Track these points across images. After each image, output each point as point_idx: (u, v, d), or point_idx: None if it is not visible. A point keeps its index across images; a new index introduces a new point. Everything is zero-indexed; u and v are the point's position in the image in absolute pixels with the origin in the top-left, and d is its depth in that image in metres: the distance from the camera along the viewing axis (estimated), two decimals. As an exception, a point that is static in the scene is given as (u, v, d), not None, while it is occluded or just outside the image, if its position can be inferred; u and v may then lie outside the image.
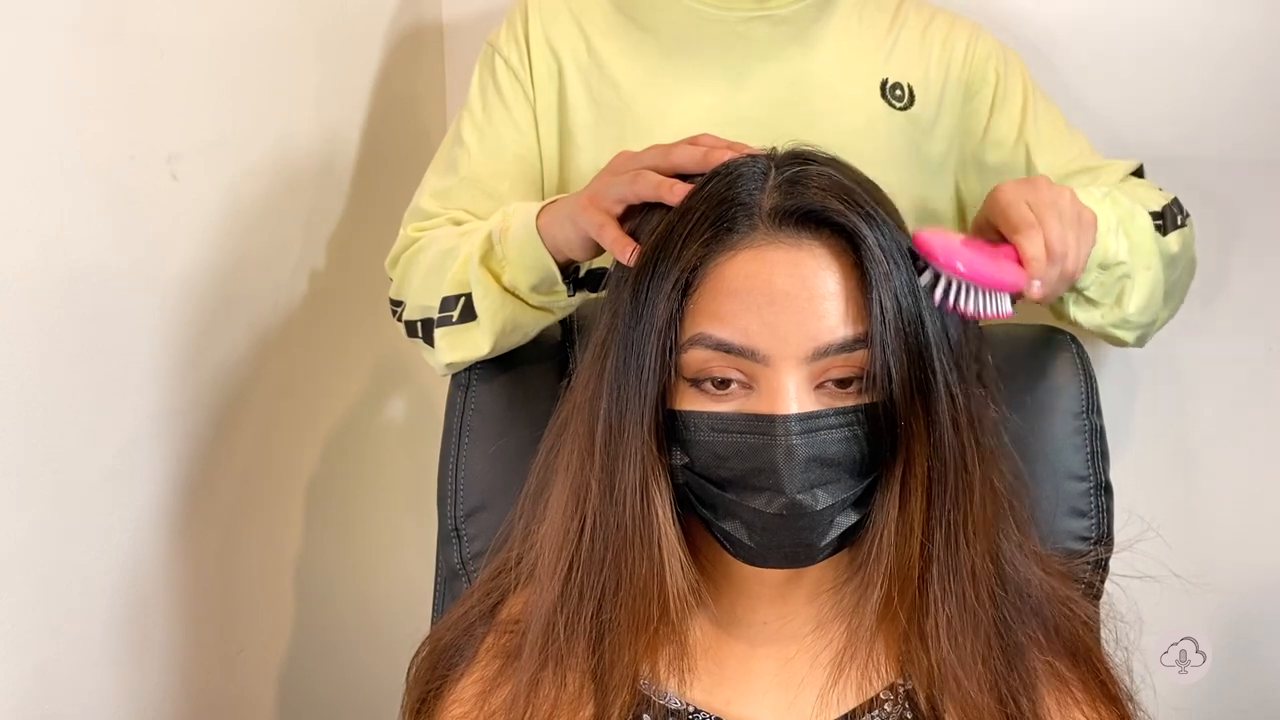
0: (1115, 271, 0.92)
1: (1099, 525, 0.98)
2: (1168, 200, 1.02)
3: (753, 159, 0.75)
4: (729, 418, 0.70)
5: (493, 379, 1.01)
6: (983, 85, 1.10)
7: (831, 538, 0.72)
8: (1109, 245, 0.90)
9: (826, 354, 0.69)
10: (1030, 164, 1.08)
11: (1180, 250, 1.00)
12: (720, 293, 0.70)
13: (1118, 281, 0.93)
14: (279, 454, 1.24)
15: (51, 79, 0.91)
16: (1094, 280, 0.91)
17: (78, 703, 0.98)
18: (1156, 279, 0.95)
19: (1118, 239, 0.91)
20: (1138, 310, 0.95)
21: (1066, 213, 0.82)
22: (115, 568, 1.02)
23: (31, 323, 0.91)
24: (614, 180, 0.81)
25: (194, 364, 1.09)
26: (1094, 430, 0.99)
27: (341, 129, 1.31)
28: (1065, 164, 1.08)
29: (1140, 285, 0.94)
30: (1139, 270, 0.93)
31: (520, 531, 0.82)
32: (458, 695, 0.80)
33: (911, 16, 1.12)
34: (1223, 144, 1.24)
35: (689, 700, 0.77)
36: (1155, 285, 0.95)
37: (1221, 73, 1.23)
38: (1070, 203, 0.83)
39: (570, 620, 0.75)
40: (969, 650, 0.74)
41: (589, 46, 1.10)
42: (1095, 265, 0.90)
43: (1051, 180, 0.85)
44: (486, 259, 0.94)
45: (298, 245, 1.25)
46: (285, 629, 1.27)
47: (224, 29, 1.10)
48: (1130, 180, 1.08)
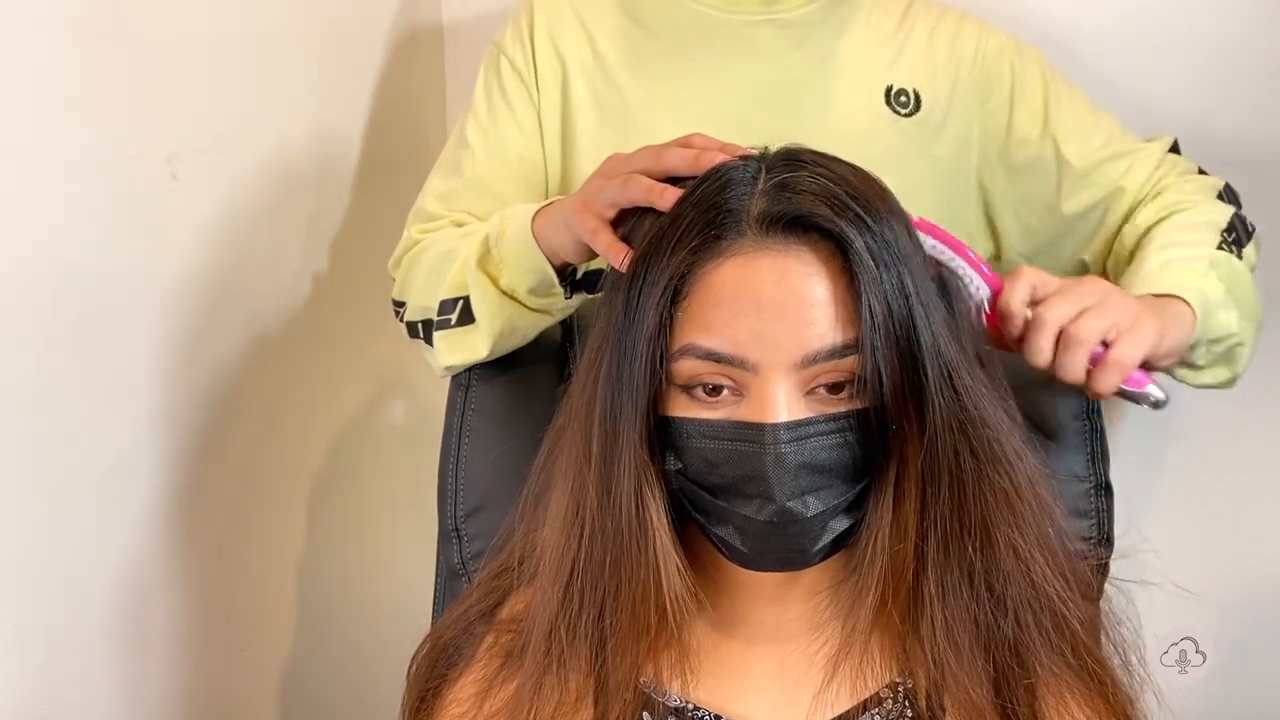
0: (1227, 342, 0.91)
1: (1099, 525, 0.98)
2: (1231, 213, 1.00)
3: (743, 162, 0.74)
4: (719, 425, 0.70)
5: (493, 379, 1.02)
6: (998, 83, 1.08)
7: (824, 543, 0.72)
8: (1220, 321, 0.89)
9: (816, 361, 0.69)
10: (1060, 156, 1.06)
11: (1256, 259, 0.99)
12: (709, 301, 0.69)
13: (1230, 350, 0.93)
14: (279, 454, 1.24)
15: (52, 79, 0.91)
16: (1204, 353, 0.91)
17: (78, 703, 0.98)
18: (1257, 328, 0.95)
19: (1227, 312, 0.90)
20: (1246, 363, 0.94)
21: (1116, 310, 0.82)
22: (115, 568, 1.02)
23: (31, 322, 0.91)
24: (606, 184, 0.80)
25: (194, 364, 1.09)
26: (1094, 430, 0.99)
27: (341, 130, 1.31)
28: (1095, 151, 1.06)
29: (1250, 342, 0.94)
30: (1248, 330, 0.93)
31: (521, 533, 0.82)
32: (456, 694, 0.80)
33: (920, 19, 1.10)
34: (1244, 143, 1.23)
35: (690, 699, 0.78)
36: (1257, 332, 0.95)
37: (1234, 69, 1.22)
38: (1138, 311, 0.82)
39: (572, 625, 0.75)
40: (965, 649, 0.73)
41: (593, 49, 1.09)
42: (1205, 340, 0.89)
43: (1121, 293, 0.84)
44: (484, 262, 0.94)
45: (297, 246, 1.25)
46: (285, 629, 1.27)
47: (224, 29, 1.10)
48: (1184, 180, 1.05)
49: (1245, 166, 1.13)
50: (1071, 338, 0.81)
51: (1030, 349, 0.83)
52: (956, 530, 0.72)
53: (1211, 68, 1.23)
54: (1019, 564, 0.74)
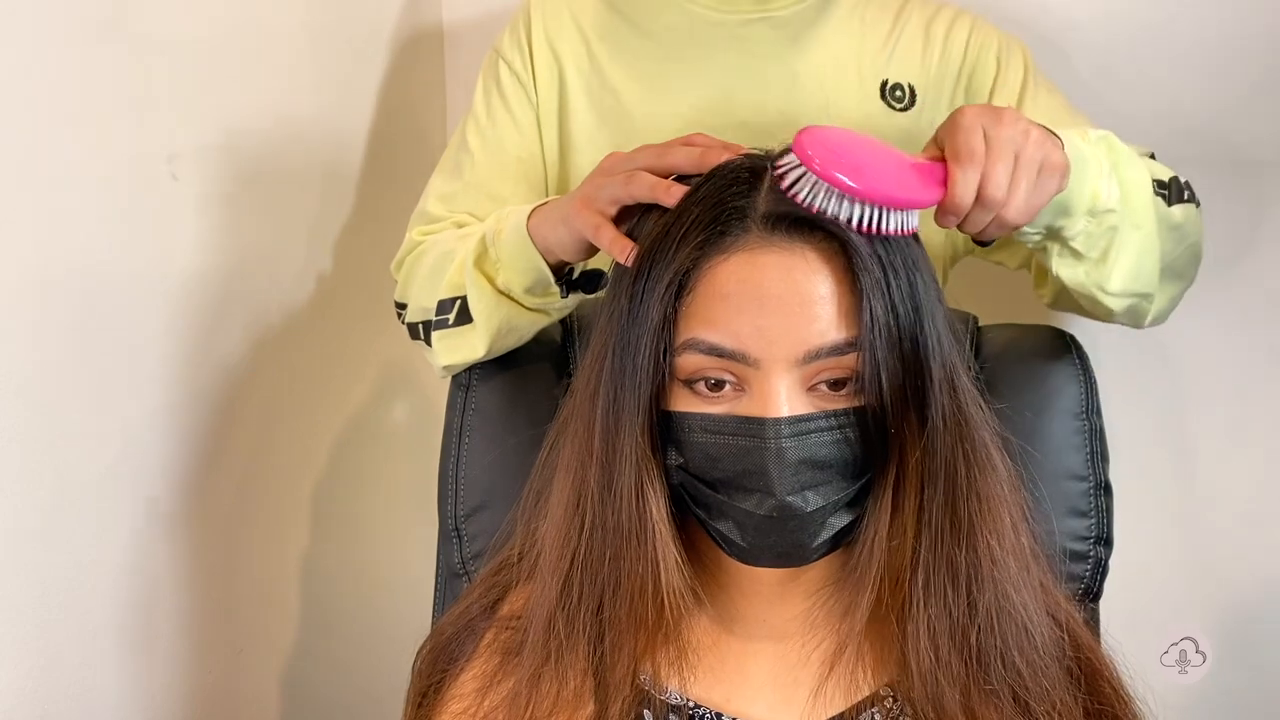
0: (1104, 221, 0.86)
1: (1099, 525, 0.98)
2: (1176, 176, 0.96)
3: (748, 160, 0.74)
4: (721, 420, 0.71)
5: (493, 379, 1.02)
6: (984, 74, 1.08)
7: (823, 538, 0.72)
8: (1099, 189, 0.84)
9: (817, 357, 0.69)
10: None
11: (1184, 223, 0.94)
12: (713, 296, 0.70)
13: (1105, 233, 0.87)
14: (281, 454, 1.24)
15: (51, 79, 0.91)
16: (1082, 230, 0.85)
17: (79, 703, 0.98)
18: (1149, 242, 0.90)
19: (1109, 184, 0.85)
20: (1124, 273, 0.89)
21: (1026, 156, 0.75)
22: (117, 568, 1.02)
23: (31, 323, 0.91)
24: (607, 181, 0.80)
25: (194, 364, 1.09)
26: (1094, 430, 0.99)
27: (342, 131, 1.31)
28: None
29: (1129, 245, 0.88)
30: (1128, 227, 0.88)
31: (522, 528, 0.82)
32: (457, 690, 0.80)
33: (915, 14, 1.11)
34: (1226, 144, 1.24)
35: (689, 696, 0.78)
36: (1146, 250, 0.90)
37: (1226, 71, 1.23)
38: (1036, 145, 0.76)
39: (571, 618, 0.76)
40: (953, 654, 0.74)
41: (589, 51, 1.10)
42: (1084, 211, 0.84)
43: (1025, 116, 0.78)
44: (480, 262, 0.94)
45: (298, 246, 1.25)
46: (287, 628, 1.27)
47: (224, 30, 1.11)
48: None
49: (1246, 167, 1.14)
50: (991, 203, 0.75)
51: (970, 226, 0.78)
52: (947, 531, 0.73)
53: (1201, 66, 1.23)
54: (994, 569, 0.74)
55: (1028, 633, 0.75)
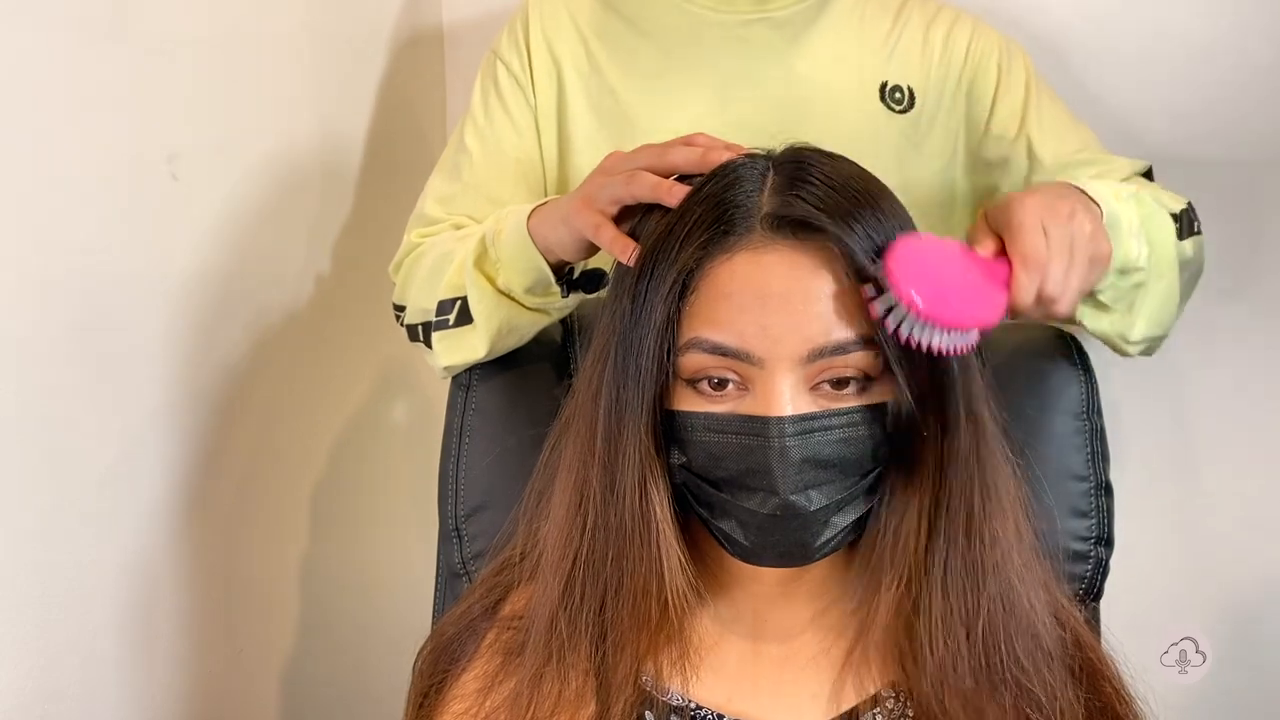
0: (1133, 278, 0.89)
1: (1099, 525, 0.98)
2: (1184, 205, 0.98)
3: (751, 160, 0.74)
4: (724, 419, 0.71)
5: (493, 379, 1.01)
6: (985, 81, 1.09)
7: (827, 538, 0.72)
8: (1130, 249, 0.86)
9: (822, 356, 0.69)
10: (1033, 155, 1.06)
11: (1194, 256, 0.97)
12: (716, 295, 0.70)
13: (1133, 289, 0.90)
14: (281, 454, 1.24)
15: (51, 79, 0.91)
16: (1110, 285, 0.87)
17: (79, 703, 0.98)
18: (1171, 289, 0.92)
19: (1140, 244, 0.87)
20: (1147, 320, 0.91)
21: (1080, 252, 0.77)
22: (116, 568, 1.02)
23: (31, 323, 0.91)
24: (608, 181, 0.80)
25: (195, 364, 1.09)
26: (1094, 430, 0.99)
27: (342, 132, 1.31)
28: (1068, 154, 1.05)
29: (1154, 294, 0.91)
30: (1154, 279, 0.90)
31: (524, 528, 0.82)
32: (459, 690, 0.80)
33: (915, 16, 1.11)
34: (1230, 145, 1.24)
35: (691, 697, 0.77)
36: (1169, 296, 0.92)
37: (1226, 71, 1.23)
38: (1089, 240, 0.78)
39: (573, 618, 0.76)
40: (964, 651, 0.74)
41: (588, 51, 1.10)
42: (1115, 270, 0.86)
43: (1076, 196, 0.80)
44: (480, 262, 0.94)
45: (298, 246, 1.25)
46: (288, 628, 1.27)
47: (225, 30, 1.11)
48: (1144, 181, 1.04)
49: (1246, 167, 1.14)
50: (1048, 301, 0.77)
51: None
52: (963, 527, 0.73)
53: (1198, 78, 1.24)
54: (1005, 565, 0.74)
55: (1033, 629, 0.75)
